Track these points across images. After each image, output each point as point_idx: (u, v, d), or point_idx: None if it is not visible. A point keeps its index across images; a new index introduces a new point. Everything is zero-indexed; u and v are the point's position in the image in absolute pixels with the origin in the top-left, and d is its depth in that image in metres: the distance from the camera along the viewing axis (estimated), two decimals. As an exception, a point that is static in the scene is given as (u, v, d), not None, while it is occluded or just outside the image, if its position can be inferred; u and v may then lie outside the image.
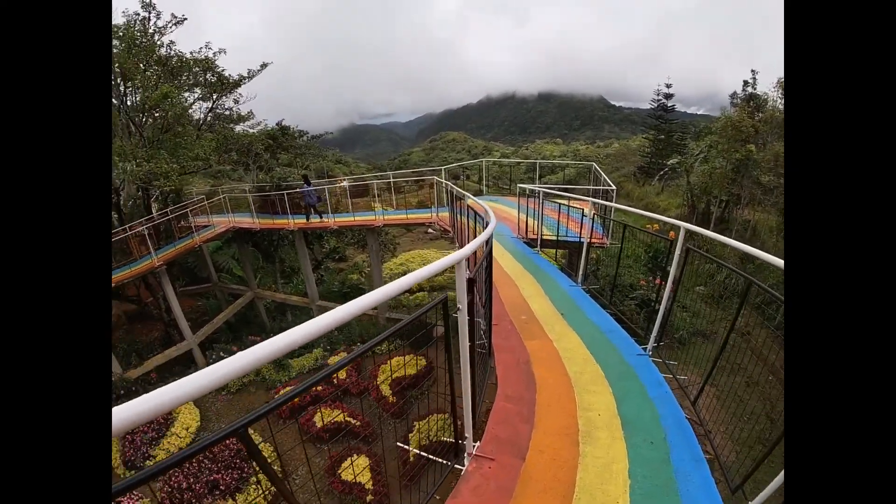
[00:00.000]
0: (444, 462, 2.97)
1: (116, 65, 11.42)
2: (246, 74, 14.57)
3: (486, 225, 4.92)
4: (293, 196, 16.31)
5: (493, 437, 3.18)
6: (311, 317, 1.58)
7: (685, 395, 3.77)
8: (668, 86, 34.39)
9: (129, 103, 12.56)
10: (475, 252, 3.04)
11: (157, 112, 12.34)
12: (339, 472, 9.00)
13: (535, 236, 8.63)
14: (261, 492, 8.98)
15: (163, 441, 10.90)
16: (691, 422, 3.34)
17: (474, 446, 3.07)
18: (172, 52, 13.43)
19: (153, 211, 15.17)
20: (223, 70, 14.13)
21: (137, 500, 9.40)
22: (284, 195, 14.73)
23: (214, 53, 14.02)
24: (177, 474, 9.52)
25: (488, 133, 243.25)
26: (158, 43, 12.82)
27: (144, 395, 0.90)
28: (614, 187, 10.48)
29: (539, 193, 8.72)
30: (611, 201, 10.26)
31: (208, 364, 1.47)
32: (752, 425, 5.98)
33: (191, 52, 13.75)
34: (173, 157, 11.69)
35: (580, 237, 7.17)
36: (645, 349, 4.46)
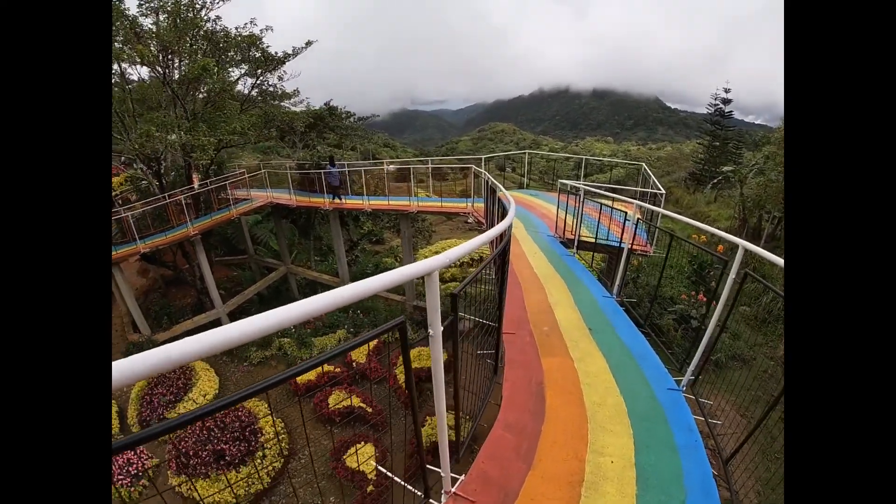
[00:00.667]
0: (417, 493, 2.52)
1: (155, 40, 11.45)
2: (290, 52, 14.41)
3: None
4: (329, 175, 16.22)
5: (480, 473, 2.70)
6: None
7: (717, 450, 3.15)
8: (727, 91, 32.29)
9: (176, 77, 12.64)
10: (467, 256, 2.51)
11: (200, 85, 12.32)
12: (345, 457, 8.85)
13: (572, 236, 7.98)
14: (266, 465, 9.11)
15: (178, 405, 11.09)
16: (720, 483, 2.74)
17: (456, 481, 2.60)
18: (218, 28, 13.42)
19: (194, 181, 15.32)
20: (268, 46, 14.03)
21: (149, 458, 9.66)
22: (322, 174, 14.56)
23: (262, 31, 13.93)
24: (185, 440, 9.61)
25: (538, 126, 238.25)
26: (204, 18, 12.80)
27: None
28: (664, 191, 9.63)
29: (580, 191, 8.02)
30: (659, 206, 9.45)
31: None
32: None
33: (236, 28, 13.71)
34: (212, 130, 11.66)
35: (621, 242, 6.51)
36: (679, 382, 3.83)
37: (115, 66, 11.67)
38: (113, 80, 12.50)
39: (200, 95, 13.00)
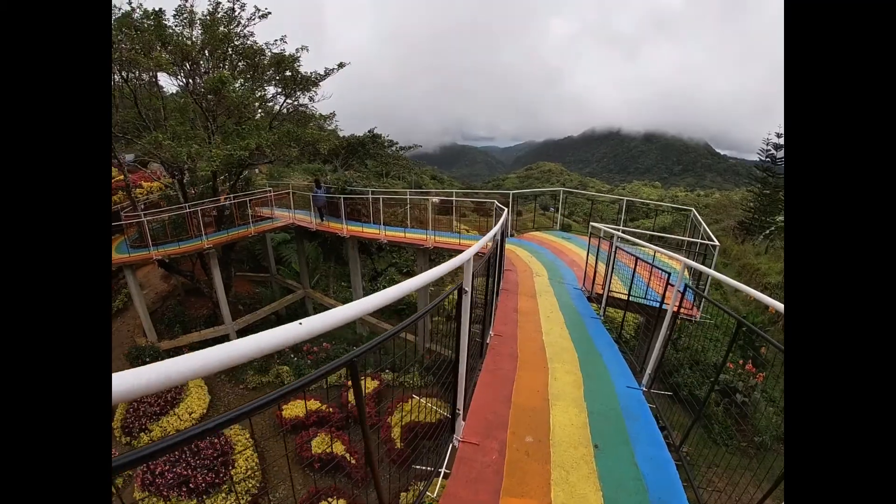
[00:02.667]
0: None
1: (176, 48, 11.15)
2: (322, 73, 13.99)
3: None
4: (353, 202, 15.45)
5: None
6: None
7: None
8: (780, 136, 29.98)
9: (192, 88, 12.41)
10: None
11: (220, 98, 11.91)
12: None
13: (601, 291, 6.52)
14: (230, 501, 8.00)
15: (162, 419, 10.30)
16: None
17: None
18: (248, 44, 13.19)
19: (222, 195, 14.89)
20: (299, 65, 13.67)
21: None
22: (340, 199, 13.76)
23: (297, 49, 13.66)
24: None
25: (586, 168, 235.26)
26: (237, 33, 12.59)
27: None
28: (717, 244, 8.02)
29: (613, 237, 6.55)
30: (710, 261, 7.86)
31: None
32: None
33: (265, 44, 13.48)
34: (226, 143, 11.15)
35: (662, 303, 5.03)
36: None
37: (145, 75, 11.51)
38: (145, 87, 12.40)
39: (214, 105, 12.57)
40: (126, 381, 0.82)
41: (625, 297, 6.31)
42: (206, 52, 12.24)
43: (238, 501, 8.37)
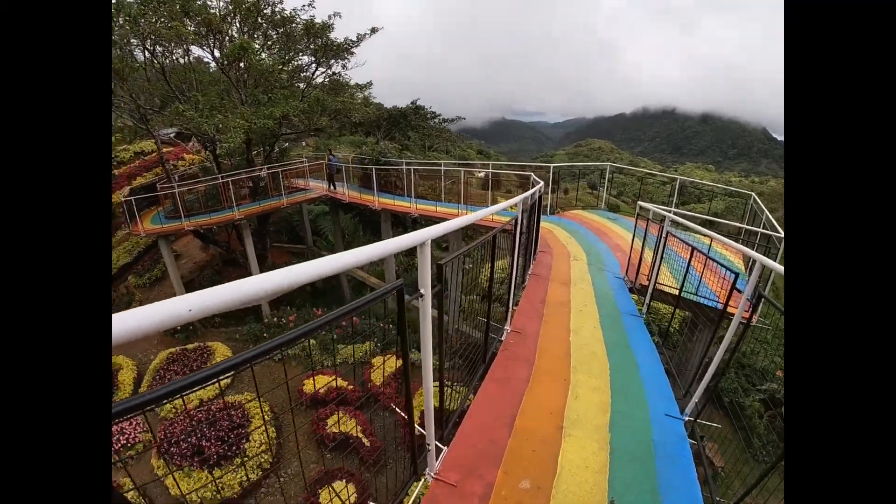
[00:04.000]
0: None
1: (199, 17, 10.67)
2: (354, 39, 13.16)
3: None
4: (386, 173, 14.77)
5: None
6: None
7: None
8: None
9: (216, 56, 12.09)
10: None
11: (241, 65, 11.42)
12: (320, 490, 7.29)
13: (646, 283, 5.49)
14: (240, 475, 7.83)
15: None
16: None
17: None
18: (277, 10, 12.57)
19: (255, 164, 14.60)
20: (331, 31, 12.92)
21: (142, 432, 9.15)
22: (372, 170, 13.08)
23: (330, 16, 12.84)
24: (176, 424, 9.10)
25: (637, 147, 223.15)
26: (266, 2, 11.99)
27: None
28: (782, 235, 6.69)
29: (664, 220, 5.39)
30: (775, 254, 6.57)
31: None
32: None
33: (292, 10, 12.84)
34: (252, 113, 10.67)
35: (719, 302, 4.02)
36: None
37: (179, 49, 11.18)
38: (172, 59, 12.09)
39: (237, 74, 12.09)
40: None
41: (673, 291, 5.27)
42: (237, 22, 11.77)
43: (247, 475, 8.11)
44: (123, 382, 10.75)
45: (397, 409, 8.05)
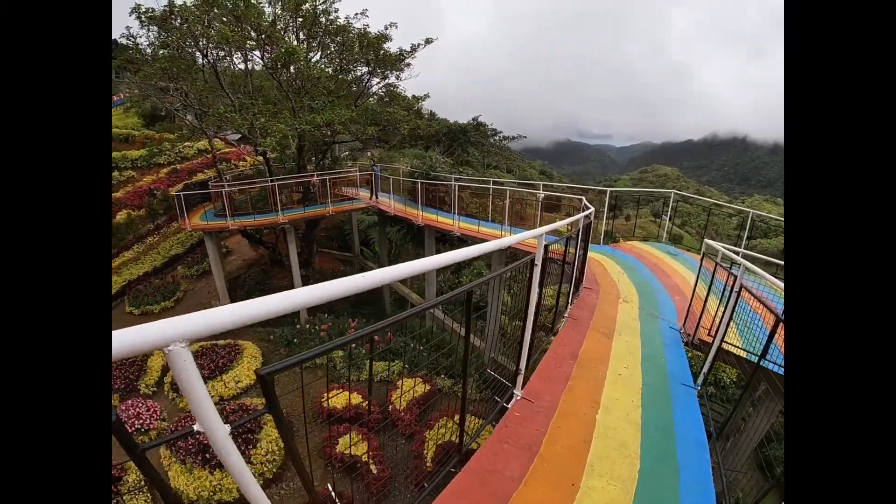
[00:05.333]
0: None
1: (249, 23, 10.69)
2: (408, 49, 12.82)
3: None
4: (434, 188, 14.20)
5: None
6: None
7: None
8: None
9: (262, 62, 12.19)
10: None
11: (288, 70, 11.34)
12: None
13: (709, 339, 4.33)
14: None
15: (208, 383, 9.93)
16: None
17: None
18: (332, 18, 12.49)
19: (308, 171, 14.56)
20: (387, 43, 12.73)
21: (159, 420, 8.90)
22: (419, 184, 12.53)
23: (386, 27, 12.60)
24: (188, 419, 8.54)
25: (704, 175, 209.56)
26: (324, 10, 11.91)
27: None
28: None
29: (737, 269, 4.13)
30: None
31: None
32: None
33: (346, 18, 12.68)
34: (295, 119, 10.51)
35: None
36: None
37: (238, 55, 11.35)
38: (228, 63, 12.29)
39: (287, 80, 12.03)
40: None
41: (739, 353, 4.10)
42: (293, 30, 11.82)
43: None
44: (151, 368, 10.79)
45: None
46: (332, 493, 6.56)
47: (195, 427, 1.12)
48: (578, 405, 3.26)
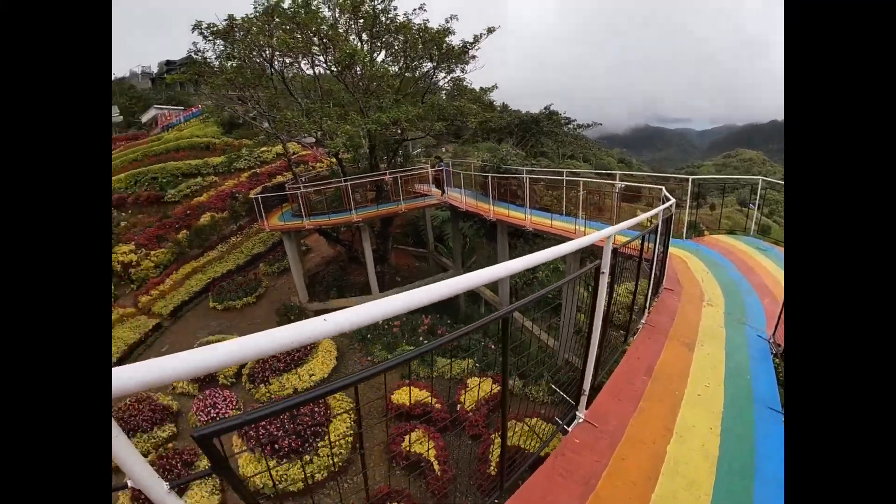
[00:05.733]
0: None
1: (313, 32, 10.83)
2: (471, 41, 12.40)
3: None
4: (507, 182, 13.70)
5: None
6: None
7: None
8: None
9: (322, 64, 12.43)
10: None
11: (354, 71, 11.43)
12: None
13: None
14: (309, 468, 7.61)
15: (283, 375, 10.42)
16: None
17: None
18: (391, 16, 12.44)
19: (380, 169, 14.81)
20: (450, 35, 12.47)
21: (233, 408, 9.13)
22: (489, 178, 12.16)
23: (447, 20, 12.37)
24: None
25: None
26: (383, 9, 11.91)
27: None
28: None
29: None
30: None
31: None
32: None
33: (405, 14, 12.52)
34: (362, 119, 10.60)
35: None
36: None
37: (304, 61, 11.78)
38: (295, 69, 12.69)
39: (353, 81, 12.14)
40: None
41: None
42: (356, 31, 11.96)
43: (308, 475, 7.77)
44: None
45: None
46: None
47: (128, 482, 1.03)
48: (648, 432, 2.74)
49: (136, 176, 21.36)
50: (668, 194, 6.49)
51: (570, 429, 2.84)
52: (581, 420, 2.87)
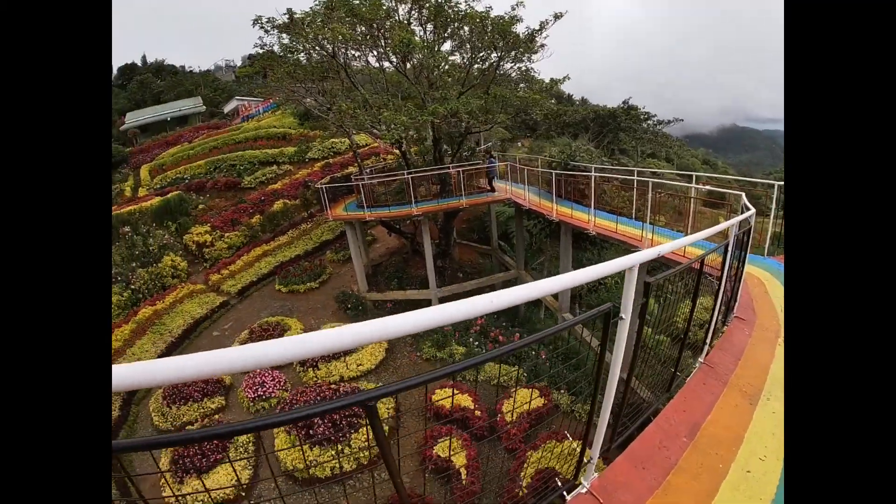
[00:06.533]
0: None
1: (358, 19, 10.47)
2: (537, 28, 11.48)
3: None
4: (574, 180, 12.69)
5: None
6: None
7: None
8: None
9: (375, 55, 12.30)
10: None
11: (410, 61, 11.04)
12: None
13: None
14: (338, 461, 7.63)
15: (331, 363, 10.54)
16: None
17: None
18: (455, 10, 11.89)
19: (445, 163, 14.50)
20: (515, 24, 11.73)
21: (281, 389, 9.28)
22: (552, 174, 11.31)
23: (513, 7, 11.55)
24: (306, 393, 9.03)
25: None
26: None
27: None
28: None
29: None
30: None
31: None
32: None
33: (466, 2, 11.92)
34: (419, 110, 10.26)
35: None
36: None
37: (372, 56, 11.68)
38: (363, 64, 12.57)
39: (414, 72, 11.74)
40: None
41: None
42: (423, 24, 11.62)
43: (342, 464, 7.75)
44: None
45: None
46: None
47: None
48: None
49: (216, 162, 22.99)
50: (748, 203, 5.36)
51: (568, 498, 2.24)
52: (584, 490, 2.25)
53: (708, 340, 3.75)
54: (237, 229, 18.31)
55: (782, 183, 8.12)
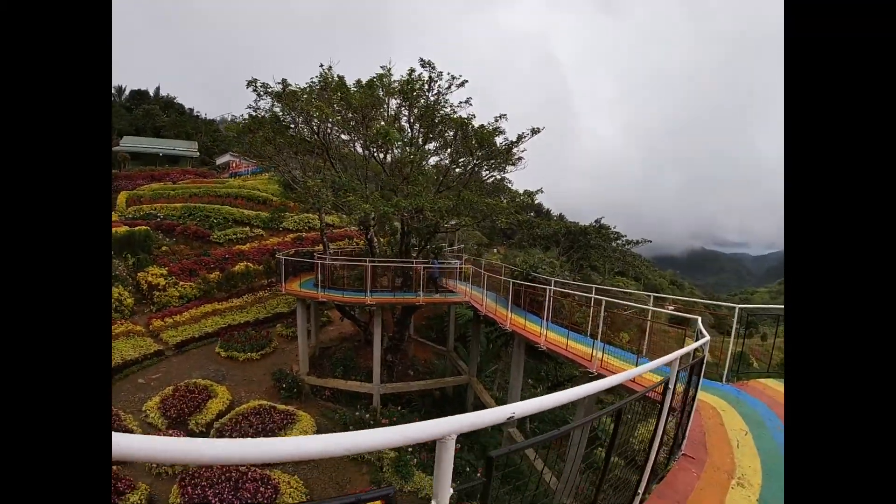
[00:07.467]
0: None
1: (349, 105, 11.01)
2: (515, 140, 12.34)
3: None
4: (533, 290, 12.64)
5: None
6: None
7: None
8: None
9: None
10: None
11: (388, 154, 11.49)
12: None
13: None
14: None
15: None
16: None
17: None
18: (438, 108, 12.76)
19: (411, 257, 14.38)
20: (497, 136, 12.52)
21: None
22: (510, 283, 11.22)
23: (496, 118, 12.54)
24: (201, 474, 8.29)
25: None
26: (441, 102, 12.30)
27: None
28: None
29: None
30: None
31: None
32: None
33: (451, 107, 12.77)
34: (380, 200, 10.48)
35: None
36: None
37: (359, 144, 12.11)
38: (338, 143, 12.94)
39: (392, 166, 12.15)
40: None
41: None
42: (412, 122, 12.30)
43: None
44: (209, 409, 11.05)
45: None
46: None
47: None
48: None
49: (192, 209, 22.51)
50: (703, 329, 5.13)
51: None
52: None
53: (642, 487, 3.17)
54: (193, 280, 17.26)
55: (743, 305, 8.00)
